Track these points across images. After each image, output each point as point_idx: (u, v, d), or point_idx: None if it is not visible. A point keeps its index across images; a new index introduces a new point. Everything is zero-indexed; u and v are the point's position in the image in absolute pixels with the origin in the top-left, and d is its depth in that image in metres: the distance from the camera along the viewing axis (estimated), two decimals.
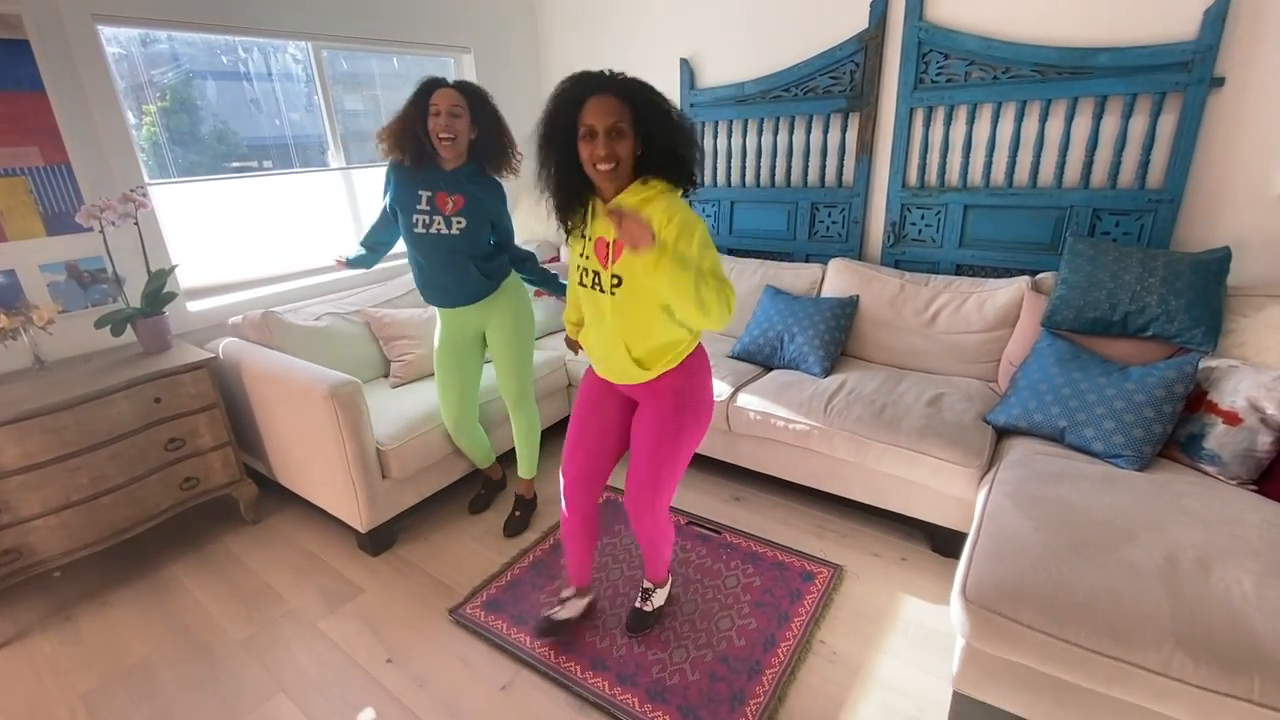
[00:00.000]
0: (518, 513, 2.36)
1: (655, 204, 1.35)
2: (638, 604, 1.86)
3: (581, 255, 1.46)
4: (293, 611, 2.00)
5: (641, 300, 1.39)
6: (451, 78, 1.97)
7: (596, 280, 1.42)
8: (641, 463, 1.57)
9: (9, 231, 2.07)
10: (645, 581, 1.88)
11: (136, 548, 2.34)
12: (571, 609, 1.83)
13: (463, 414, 2.27)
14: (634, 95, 1.32)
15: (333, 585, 2.11)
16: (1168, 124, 2.15)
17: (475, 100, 1.91)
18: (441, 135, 1.87)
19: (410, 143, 1.92)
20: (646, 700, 1.61)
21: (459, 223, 1.95)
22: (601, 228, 1.40)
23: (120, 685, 1.75)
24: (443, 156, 1.93)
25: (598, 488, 1.70)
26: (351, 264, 2.23)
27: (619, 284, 1.38)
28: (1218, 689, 1.15)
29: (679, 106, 3.09)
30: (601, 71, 1.35)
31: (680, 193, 1.41)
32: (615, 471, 2.05)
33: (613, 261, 1.38)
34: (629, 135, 1.31)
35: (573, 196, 1.41)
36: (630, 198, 1.36)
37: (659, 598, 1.87)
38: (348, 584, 2.11)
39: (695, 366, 1.54)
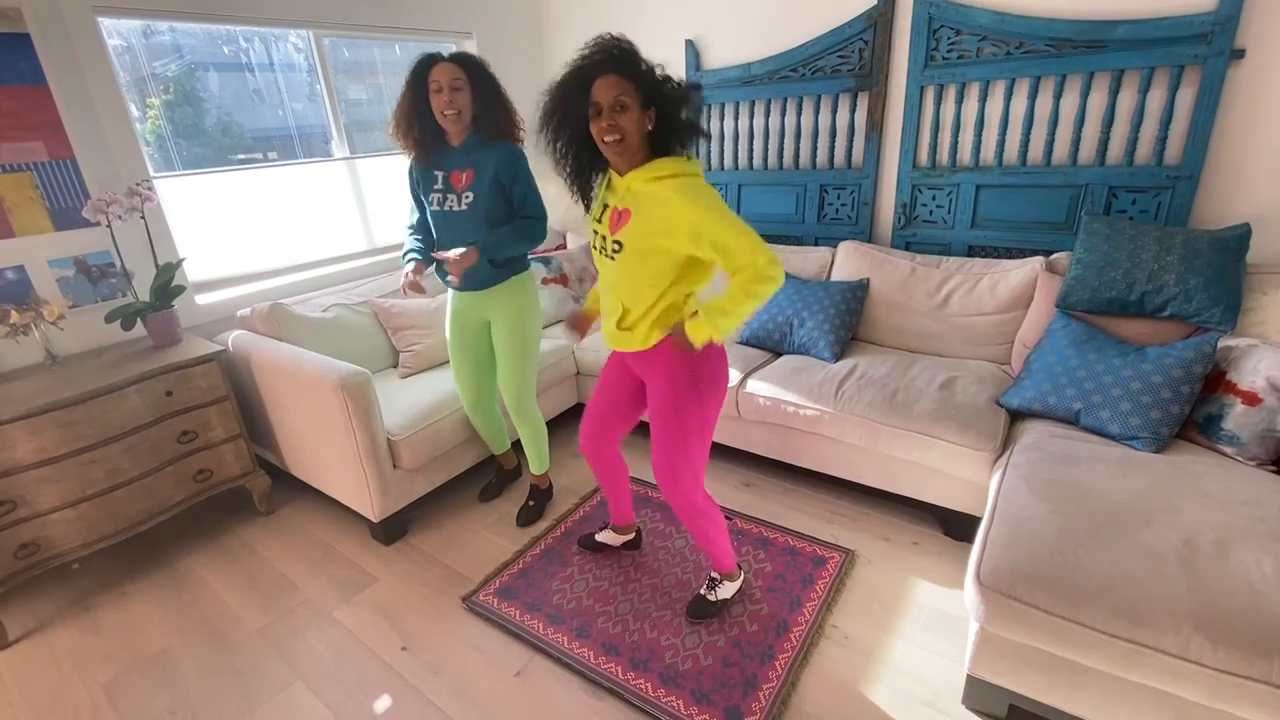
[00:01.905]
0: (531, 502, 2.36)
1: (671, 199, 1.37)
2: (702, 590, 1.86)
3: (596, 220, 1.53)
4: (308, 601, 2.02)
5: (638, 266, 1.47)
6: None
7: (603, 244, 1.51)
8: (654, 442, 1.65)
9: (16, 227, 2.07)
10: (712, 571, 1.86)
11: (153, 540, 2.37)
12: (609, 537, 2.09)
13: (479, 395, 2.28)
14: (634, 70, 1.38)
15: (347, 574, 2.13)
16: (1186, 98, 2.10)
17: (474, 70, 1.89)
18: (446, 111, 1.86)
19: (420, 128, 1.92)
20: (660, 685, 1.62)
21: (467, 198, 1.95)
22: (615, 199, 1.48)
23: (140, 675, 1.78)
24: (449, 132, 1.94)
25: (608, 442, 1.85)
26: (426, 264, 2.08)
27: (619, 249, 1.47)
28: (1236, 672, 1.14)
29: None
30: (606, 48, 1.39)
31: (692, 168, 1.44)
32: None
33: (618, 229, 1.46)
34: (633, 109, 1.37)
35: (584, 170, 1.51)
36: (641, 179, 1.43)
37: (725, 590, 1.84)
38: (361, 573, 2.13)
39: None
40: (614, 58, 1.37)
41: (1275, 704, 1.11)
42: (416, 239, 2.12)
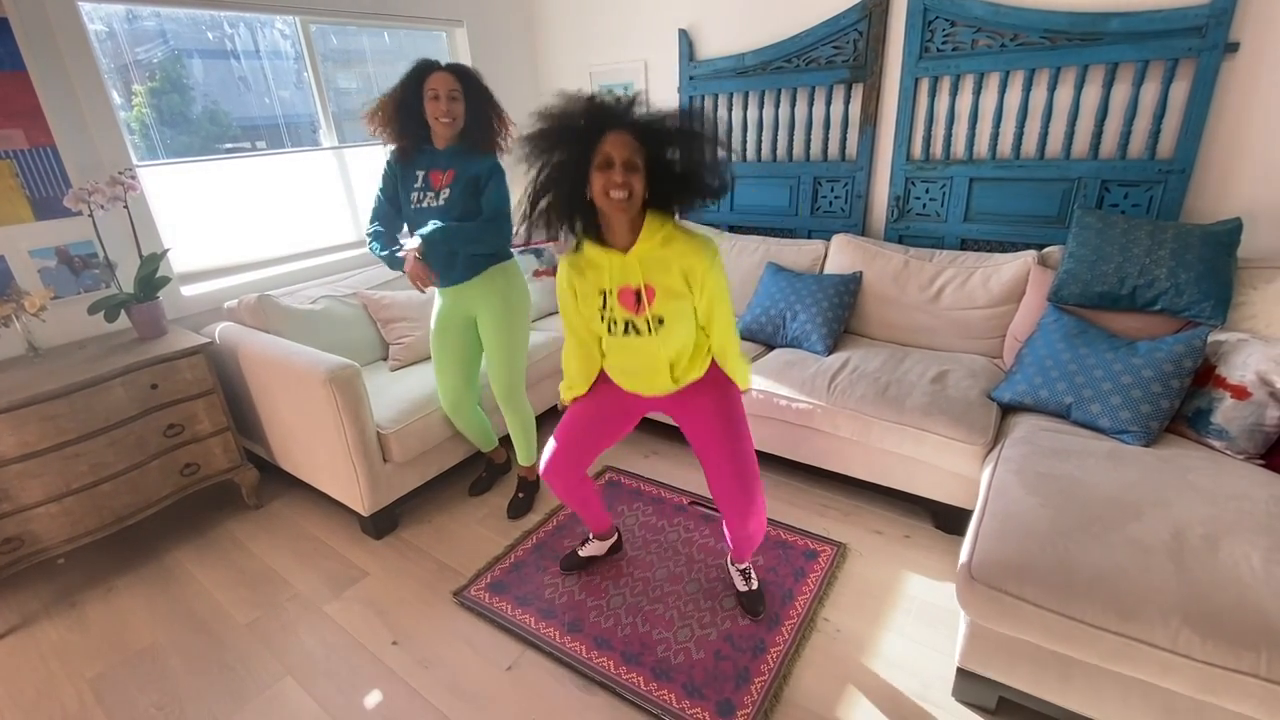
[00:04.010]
0: (521, 494, 2.35)
1: (683, 250, 1.37)
2: (743, 587, 1.82)
3: (603, 309, 1.44)
4: (297, 595, 2.00)
5: (685, 327, 1.45)
6: (445, 52, 1.94)
7: (630, 327, 1.43)
8: (719, 466, 1.57)
9: None
10: (738, 564, 1.83)
11: (140, 534, 2.35)
12: (594, 548, 2.00)
13: (460, 396, 2.24)
14: (649, 132, 1.31)
15: (337, 569, 2.11)
16: (1180, 91, 2.10)
17: (469, 82, 1.92)
18: (442, 119, 1.89)
19: (409, 127, 1.93)
20: (652, 679, 1.62)
21: (444, 194, 1.96)
22: (622, 277, 1.39)
23: (127, 670, 1.76)
24: (437, 135, 1.96)
25: (579, 474, 1.76)
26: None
27: (661, 323, 1.42)
28: (1225, 665, 1.14)
29: (679, 80, 3.06)
30: (618, 100, 1.32)
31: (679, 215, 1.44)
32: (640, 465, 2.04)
33: (648, 306, 1.40)
34: (641, 170, 1.30)
35: (572, 220, 1.39)
36: (650, 244, 1.37)
37: (755, 573, 1.86)
38: (352, 567, 2.12)
39: None
40: (629, 113, 1.32)
41: (1263, 696, 1.12)
42: (377, 230, 2.08)
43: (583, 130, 1.30)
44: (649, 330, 1.42)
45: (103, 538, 2.06)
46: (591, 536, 2.00)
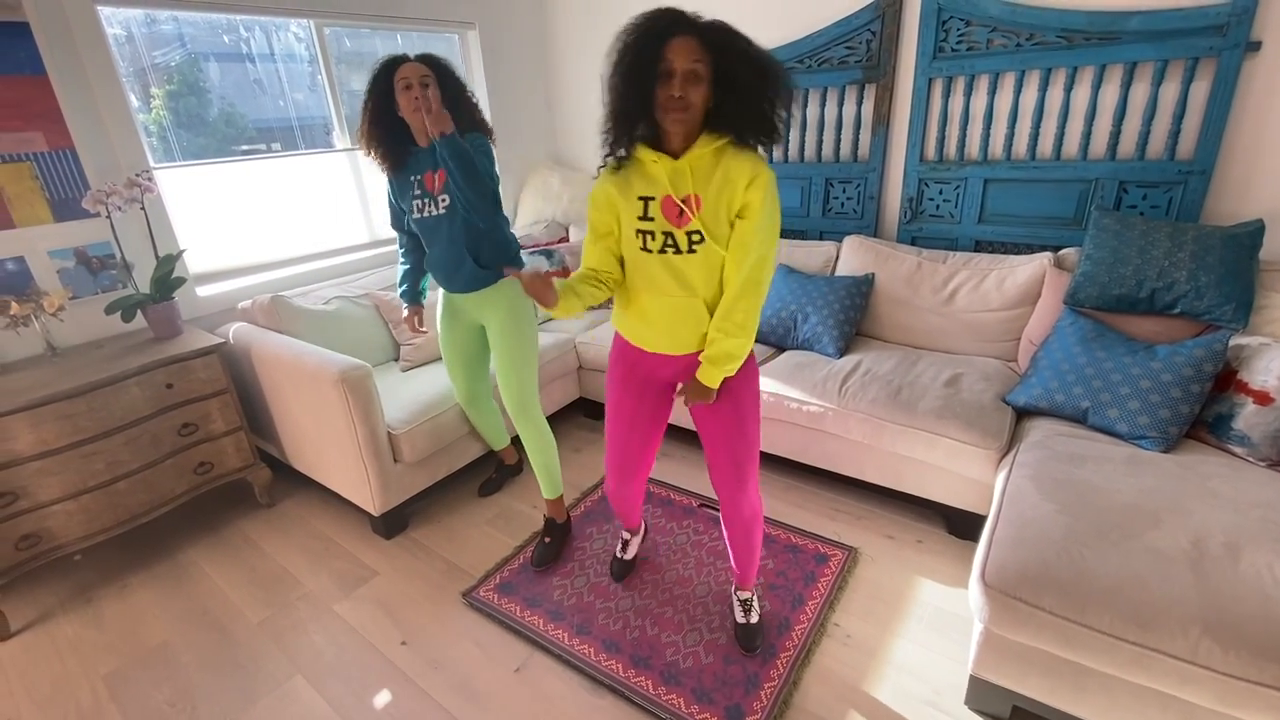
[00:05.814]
0: (548, 539, 2.11)
1: (736, 161, 1.28)
2: (741, 619, 1.72)
3: (641, 218, 1.34)
4: (308, 595, 2.02)
5: (716, 254, 1.33)
6: (457, 55, 1.92)
7: (669, 241, 1.31)
8: (718, 450, 1.51)
9: (16, 218, 2.06)
10: (739, 593, 1.74)
11: (154, 532, 2.37)
12: (635, 546, 2.02)
13: (474, 392, 2.25)
14: (716, 40, 1.24)
15: (347, 568, 2.13)
16: (1200, 91, 2.06)
17: (441, 69, 1.85)
18: (415, 109, 1.80)
19: (392, 134, 1.87)
20: (660, 683, 1.61)
21: (443, 200, 1.89)
22: (669, 183, 1.30)
23: (141, 667, 1.78)
24: (416, 130, 1.87)
25: (645, 478, 1.74)
26: (415, 296, 2.19)
27: (701, 240, 1.30)
28: (1246, 677, 1.12)
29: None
30: (683, 11, 1.26)
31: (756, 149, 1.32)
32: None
33: (692, 216, 1.29)
34: (705, 81, 1.23)
35: (630, 133, 1.31)
36: (704, 150, 1.29)
37: (757, 605, 1.75)
38: (362, 567, 2.13)
39: None
40: (694, 20, 1.27)
41: None
42: (405, 267, 2.13)
43: (647, 38, 1.23)
44: (688, 248, 1.30)
45: (118, 535, 2.08)
46: (629, 535, 1.98)
